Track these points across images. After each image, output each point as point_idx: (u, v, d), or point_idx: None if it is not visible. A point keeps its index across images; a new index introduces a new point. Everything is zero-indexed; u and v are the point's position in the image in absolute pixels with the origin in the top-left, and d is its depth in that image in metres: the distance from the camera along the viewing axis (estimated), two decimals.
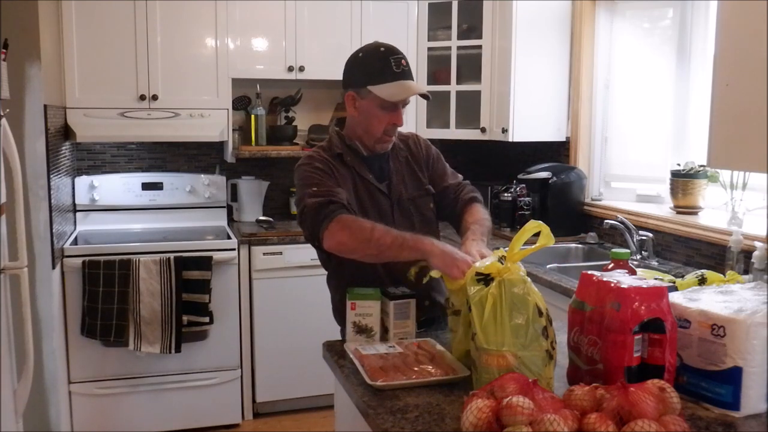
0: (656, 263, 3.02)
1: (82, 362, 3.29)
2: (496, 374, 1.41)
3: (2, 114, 2.08)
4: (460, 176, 2.22)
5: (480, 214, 2.04)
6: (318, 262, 1.97)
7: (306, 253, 3.55)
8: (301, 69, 3.79)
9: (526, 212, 3.53)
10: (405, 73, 1.92)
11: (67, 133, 3.46)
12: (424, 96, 1.99)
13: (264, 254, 3.53)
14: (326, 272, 2.14)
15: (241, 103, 3.97)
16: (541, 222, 1.59)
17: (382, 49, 1.96)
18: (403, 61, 1.94)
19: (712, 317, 1.43)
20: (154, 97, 3.56)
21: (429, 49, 3.98)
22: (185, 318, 3.29)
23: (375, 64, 1.93)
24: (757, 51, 1.48)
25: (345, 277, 2.03)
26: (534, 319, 1.46)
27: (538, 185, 3.57)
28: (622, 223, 3.20)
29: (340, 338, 1.95)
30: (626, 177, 3.67)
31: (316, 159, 1.99)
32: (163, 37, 3.56)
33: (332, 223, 1.83)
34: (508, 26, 3.67)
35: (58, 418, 2.99)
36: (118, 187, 3.79)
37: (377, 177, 2.05)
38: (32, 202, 2.84)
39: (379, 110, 1.94)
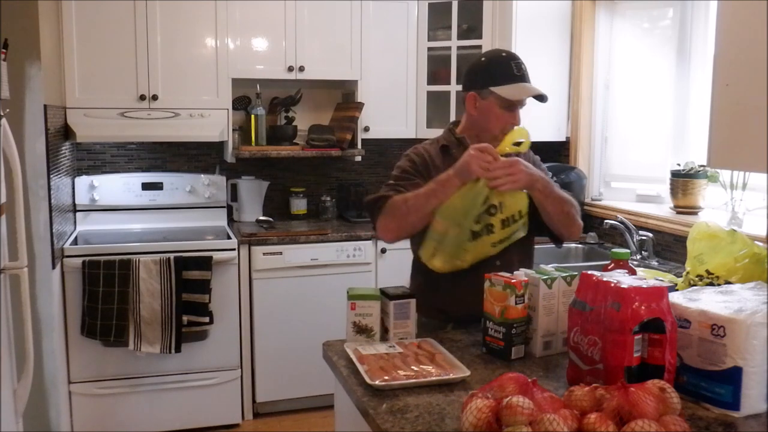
0: (656, 263, 3.03)
1: (82, 362, 3.29)
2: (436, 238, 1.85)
3: (2, 114, 2.08)
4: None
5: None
6: (317, 262, 1.97)
7: (306, 253, 3.57)
8: (301, 69, 3.79)
9: None
10: (524, 77, 2.06)
11: (67, 133, 3.46)
12: (540, 98, 2.06)
13: (264, 254, 3.53)
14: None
15: (241, 103, 3.97)
16: (523, 128, 1.93)
17: (504, 54, 2.11)
18: (522, 65, 2.07)
19: (712, 317, 1.43)
20: (154, 97, 3.56)
21: (429, 49, 3.98)
22: (185, 318, 3.29)
23: (498, 67, 2.06)
24: (757, 51, 1.48)
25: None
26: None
27: None
28: (622, 223, 3.20)
29: (340, 338, 1.92)
30: (626, 177, 3.67)
31: (415, 152, 2.16)
32: (163, 37, 3.56)
33: (379, 217, 2.02)
34: (508, 26, 3.67)
35: (58, 418, 2.99)
36: (118, 187, 3.79)
37: None
38: (32, 202, 2.84)
39: (499, 110, 2.06)
